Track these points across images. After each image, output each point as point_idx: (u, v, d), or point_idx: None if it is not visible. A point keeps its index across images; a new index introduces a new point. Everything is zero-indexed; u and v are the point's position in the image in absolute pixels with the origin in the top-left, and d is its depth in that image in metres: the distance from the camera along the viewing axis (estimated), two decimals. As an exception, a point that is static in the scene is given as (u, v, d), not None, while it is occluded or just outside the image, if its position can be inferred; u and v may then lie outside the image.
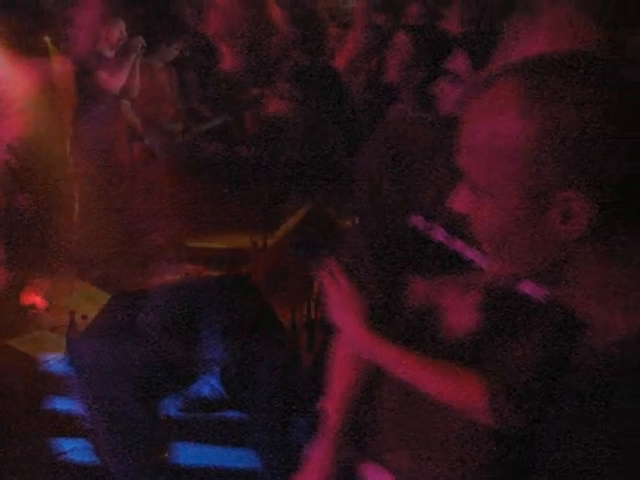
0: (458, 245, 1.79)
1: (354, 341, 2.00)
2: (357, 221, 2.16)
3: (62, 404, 4.74)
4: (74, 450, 4.36)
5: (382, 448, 2.04)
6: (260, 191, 5.22)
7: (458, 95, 3.04)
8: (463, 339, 1.85)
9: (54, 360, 5.31)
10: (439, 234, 1.83)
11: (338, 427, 2.12)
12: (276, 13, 4.79)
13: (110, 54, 7.11)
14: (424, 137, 1.93)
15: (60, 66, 7.61)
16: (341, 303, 1.98)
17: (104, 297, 5.66)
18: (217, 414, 4.50)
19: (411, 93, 4.19)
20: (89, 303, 6.12)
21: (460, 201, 1.27)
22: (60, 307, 6.13)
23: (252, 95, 5.95)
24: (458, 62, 3.09)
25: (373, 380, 2.05)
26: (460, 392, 1.83)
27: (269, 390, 4.01)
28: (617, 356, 1.16)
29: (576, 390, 1.22)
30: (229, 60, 5.22)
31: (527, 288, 1.64)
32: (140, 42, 6.97)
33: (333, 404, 2.14)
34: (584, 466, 1.15)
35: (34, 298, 6.18)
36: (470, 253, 1.75)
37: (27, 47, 7.48)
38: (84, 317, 5.23)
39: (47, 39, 7.74)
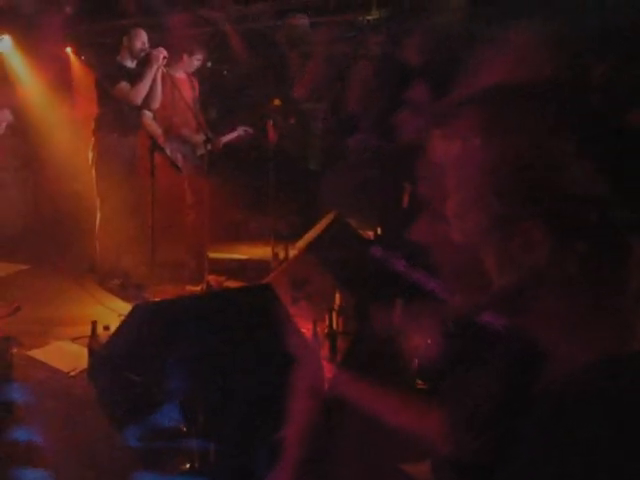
0: (419, 275, 1.79)
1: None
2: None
3: (23, 434, 4.68)
4: (35, 481, 4.31)
5: (342, 477, 2.03)
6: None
7: (419, 124, 3.05)
8: (424, 368, 1.85)
9: (15, 389, 5.25)
10: (400, 264, 1.84)
11: (298, 457, 2.11)
12: (236, 42, 4.81)
13: (132, 65, 7.11)
14: (385, 166, 1.93)
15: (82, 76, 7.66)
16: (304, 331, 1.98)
17: (125, 308, 5.66)
18: (177, 443, 4.46)
19: (373, 122, 4.22)
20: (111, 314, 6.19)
21: (422, 230, 1.27)
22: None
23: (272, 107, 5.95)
24: (419, 91, 3.11)
25: (333, 409, 2.05)
26: (420, 421, 1.83)
27: (230, 419, 3.99)
28: (578, 384, 1.15)
29: (537, 419, 1.21)
30: (188, 89, 5.20)
31: (488, 317, 1.64)
32: (162, 53, 6.94)
33: (293, 433, 2.12)
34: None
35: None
36: (431, 283, 1.76)
37: (49, 58, 7.49)
38: (106, 328, 5.20)
39: (69, 50, 7.74)
